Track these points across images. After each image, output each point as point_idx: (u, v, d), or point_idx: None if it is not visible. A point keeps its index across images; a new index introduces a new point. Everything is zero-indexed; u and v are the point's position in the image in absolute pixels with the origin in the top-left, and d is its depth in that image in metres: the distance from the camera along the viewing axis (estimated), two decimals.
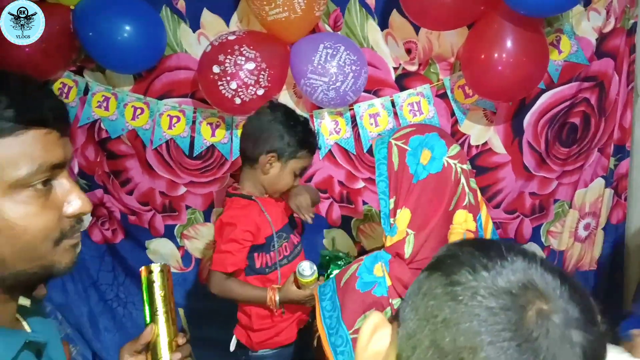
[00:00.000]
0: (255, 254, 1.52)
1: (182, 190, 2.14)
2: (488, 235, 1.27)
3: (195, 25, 2.00)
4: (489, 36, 1.68)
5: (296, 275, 1.44)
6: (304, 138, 1.56)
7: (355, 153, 2.04)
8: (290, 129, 1.53)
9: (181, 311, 2.16)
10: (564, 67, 1.90)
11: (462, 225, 1.19)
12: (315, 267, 1.44)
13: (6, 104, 0.60)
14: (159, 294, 0.93)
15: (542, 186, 2.03)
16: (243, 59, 1.75)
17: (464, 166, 1.21)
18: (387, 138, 1.25)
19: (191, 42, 2.02)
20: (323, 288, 1.25)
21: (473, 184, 1.24)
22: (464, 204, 1.19)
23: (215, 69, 1.76)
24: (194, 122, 2.05)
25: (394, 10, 1.92)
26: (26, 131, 0.61)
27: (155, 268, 0.93)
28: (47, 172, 0.64)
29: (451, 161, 1.19)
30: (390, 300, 1.16)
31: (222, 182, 2.12)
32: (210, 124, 2.06)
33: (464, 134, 2.01)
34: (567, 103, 1.95)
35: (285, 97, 2.01)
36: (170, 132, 2.06)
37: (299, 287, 1.45)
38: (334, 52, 1.77)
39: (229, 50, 1.76)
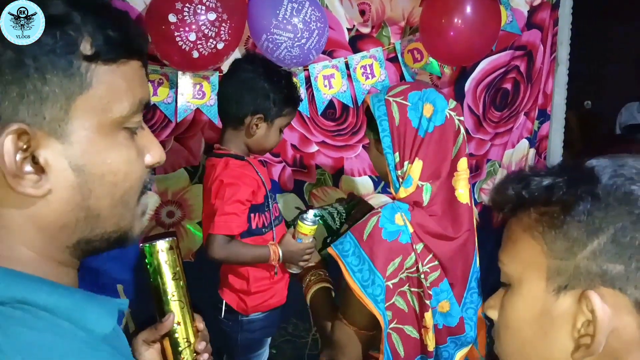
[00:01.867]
0: (252, 215, 1.44)
1: None
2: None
3: None
4: (451, 2, 1.74)
5: (299, 222, 1.40)
6: (289, 94, 1.48)
7: (309, 115, 2.00)
8: (275, 86, 1.44)
9: (120, 288, 1.96)
10: (500, 37, 2.04)
11: (466, 172, 1.26)
12: (318, 219, 1.41)
13: (111, 27, 0.51)
14: (170, 276, 0.79)
15: (478, 147, 2.19)
16: (203, 8, 1.60)
17: (461, 118, 1.28)
18: (382, 96, 1.27)
19: None
20: (341, 246, 1.22)
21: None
22: (466, 152, 1.26)
23: (172, 17, 1.59)
24: None
25: None
26: (128, 62, 0.53)
27: (162, 245, 0.79)
28: (142, 110, 0.56)
29: (452, 113, 1.24)
30: (414, 246, 1.20)
31: (165, 146, 1.94)
32: (152, 81, 1.86)
33: None
34: (502, 70, 2.11)
35: (235, 54, 1.89)
36: None
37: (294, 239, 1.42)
38: (300, 7, 1.70)
39: None
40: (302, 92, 1.96)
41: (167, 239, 0.79)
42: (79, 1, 0.50)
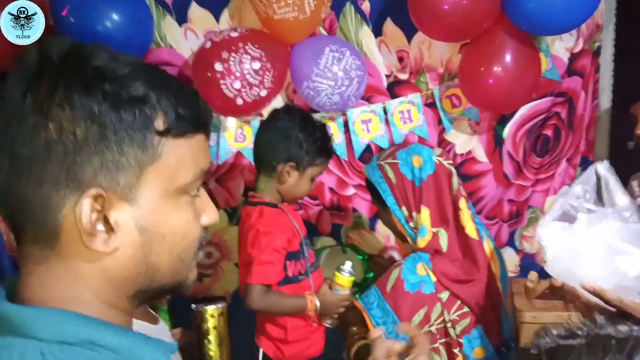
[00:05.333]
0: (288, 262, 1.46)
1: None
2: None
3: (182, 19, 1.88)
4: (491, 50, 1.75)
5: (336, 272, 1.41)
6: (323, 145, 1.52)
7: (346, 159, 2.02)
8: (309, 136, 1.49)
9: None
10: (540, 83, 2.03)
11: (467, 210, 1.30)
12: (353, 272, 1.42)
13: (182, 105, 0.56)
14: (217, 341, 0.83)
15: (518, 193, 2.15)
16: (248, 57, 1.67)
17: (450, 162, 1.36)
18: (374, 163, 1.38)
19: (177, 37, 1.89)
20: (366, 298, 1.27)
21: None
22: (462, 193, 1.31)
23: (218, 66, 1.66)
24: None
25: (388, 19, 1.95)
26: (195, 135, 0.58)
27: (214, 311, 0.82)
28: (203, 178, 0.61)
29: (440, 159, 1.32)
30: (438, 295, 1.22)
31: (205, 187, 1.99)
32: None
33: (450, 143, 2.08)
34: (542, 116, 2.09)
35: (277, 100, 1.94)
36: None
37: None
38: (340, 56, 1.75)
39: (233, 48, 1.66)
40: (340, 136, 1.99)
41: (218, 305, 0.82)
42: (156, 82, 0.55)
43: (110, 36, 1.66)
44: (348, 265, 1.42)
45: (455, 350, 1.20)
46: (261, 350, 1.50)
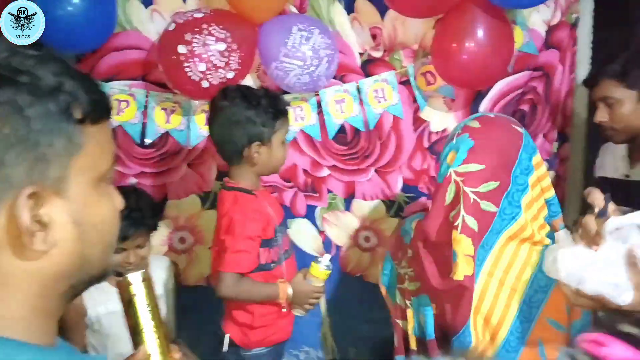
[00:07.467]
0: (261, 250, 1.44)
1: (132, 181, 1.95)
2: None
3: (147, 1, 1.83)
4: (462, 25, 1.71)
5: (313, 263, 1.41)
6: (274, 109, 1.49)
7: (320, 140, 1.99)
8: (259, 109, 1.45)
9: None
10: (517, 58, 2.00)
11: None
12: (331, 265, 1.41)
13: (92, 91, 0.55)
14: (144, 308, 0.80)
15: None
16: (213, 39, 1.62)
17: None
18: None
19: (143, 19, 1.83)
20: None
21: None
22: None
23: (181, 49, 1.62)
24: (145, 107, 1.87)
25: None
26: (106, 121, 0.58)
27: (135, 278, 0.80)
28: (115, 163, 0.61)
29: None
30: (408, 250, 1.39)
31: (177, 172, 1.97)
32: (165, 109, 1.89)
33: (425, 121, 2.05)
34: (519, 91, 2.06)
35: (248, 82, 1.90)
36: (119, 118, 1.86)
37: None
38: (309, 35, 1.70)
39: (197, 29, 1.62)
40: (313, 116, 1.96)
41: (139, 272, 0.80)
42: (63, 70, 0.54)
43: (71, 20, 1.62)
44: (326, 258, 1.41)
45: (407, 302, 1.29)
46: (227, 336, 1.51)
